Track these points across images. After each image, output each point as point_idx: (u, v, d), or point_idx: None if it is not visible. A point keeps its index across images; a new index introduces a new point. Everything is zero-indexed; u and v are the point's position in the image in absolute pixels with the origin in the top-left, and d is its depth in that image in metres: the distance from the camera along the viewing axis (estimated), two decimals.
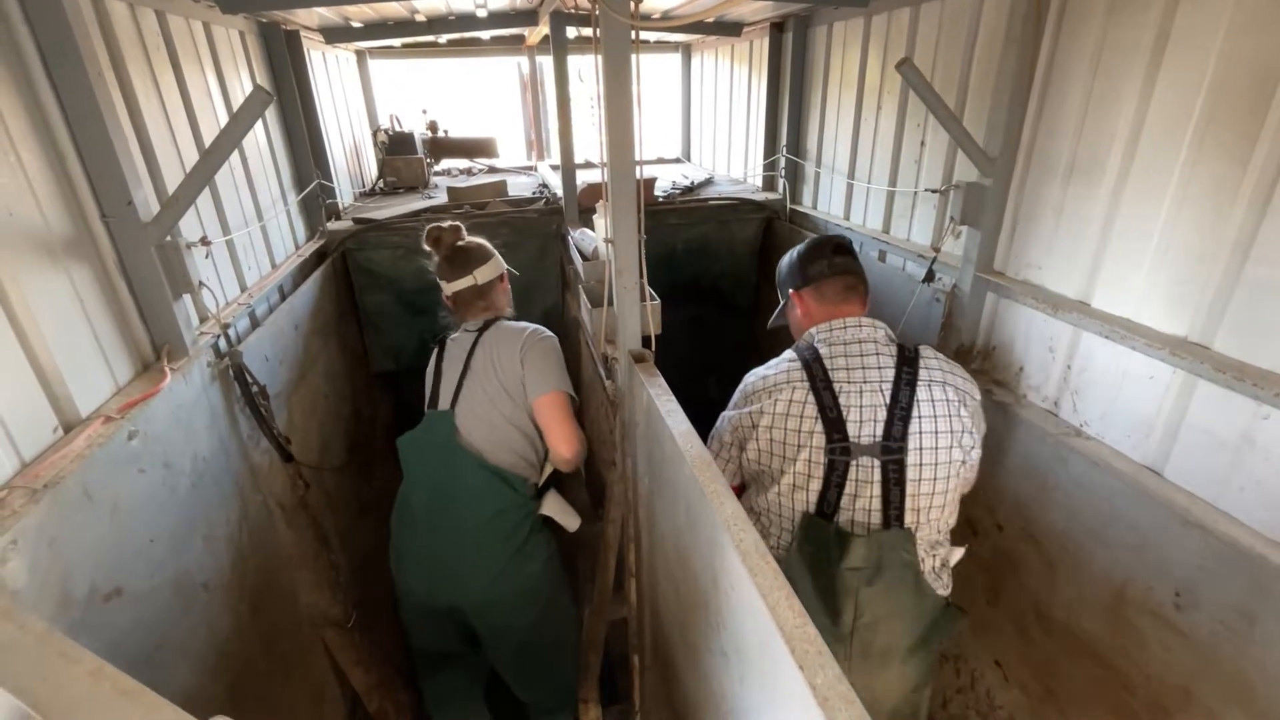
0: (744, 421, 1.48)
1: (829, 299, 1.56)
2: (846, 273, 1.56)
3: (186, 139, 1.77)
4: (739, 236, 3.32)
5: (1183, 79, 1.32)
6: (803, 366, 1.45)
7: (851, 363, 1.43)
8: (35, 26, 1.20)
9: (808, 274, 1.59)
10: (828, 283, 1.56)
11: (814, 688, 0.71)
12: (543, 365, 1.76)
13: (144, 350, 1.45)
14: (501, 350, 1.76)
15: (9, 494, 0.99)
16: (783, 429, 1.43)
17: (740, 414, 1.49)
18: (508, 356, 1.75)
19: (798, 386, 1.43)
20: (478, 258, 1.88)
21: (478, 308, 1.89)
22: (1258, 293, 1.23)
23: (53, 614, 0.99)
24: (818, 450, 1.39)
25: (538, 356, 1.76)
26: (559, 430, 1.74)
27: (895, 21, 2.27)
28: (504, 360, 1.75)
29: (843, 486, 1.39)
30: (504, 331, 1.80)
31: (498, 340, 1.78)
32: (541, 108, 4.65)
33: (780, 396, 1.43)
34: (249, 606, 1.59)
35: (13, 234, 1.11)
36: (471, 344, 1.80)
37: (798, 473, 1.41)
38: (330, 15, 2.74)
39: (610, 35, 1.30)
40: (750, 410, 1.47)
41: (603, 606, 2.09)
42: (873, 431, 1.37)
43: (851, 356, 1.44)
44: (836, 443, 1.37)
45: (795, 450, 1.41)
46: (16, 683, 0.62)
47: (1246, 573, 1.22)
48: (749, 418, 1.47)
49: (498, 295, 1.95)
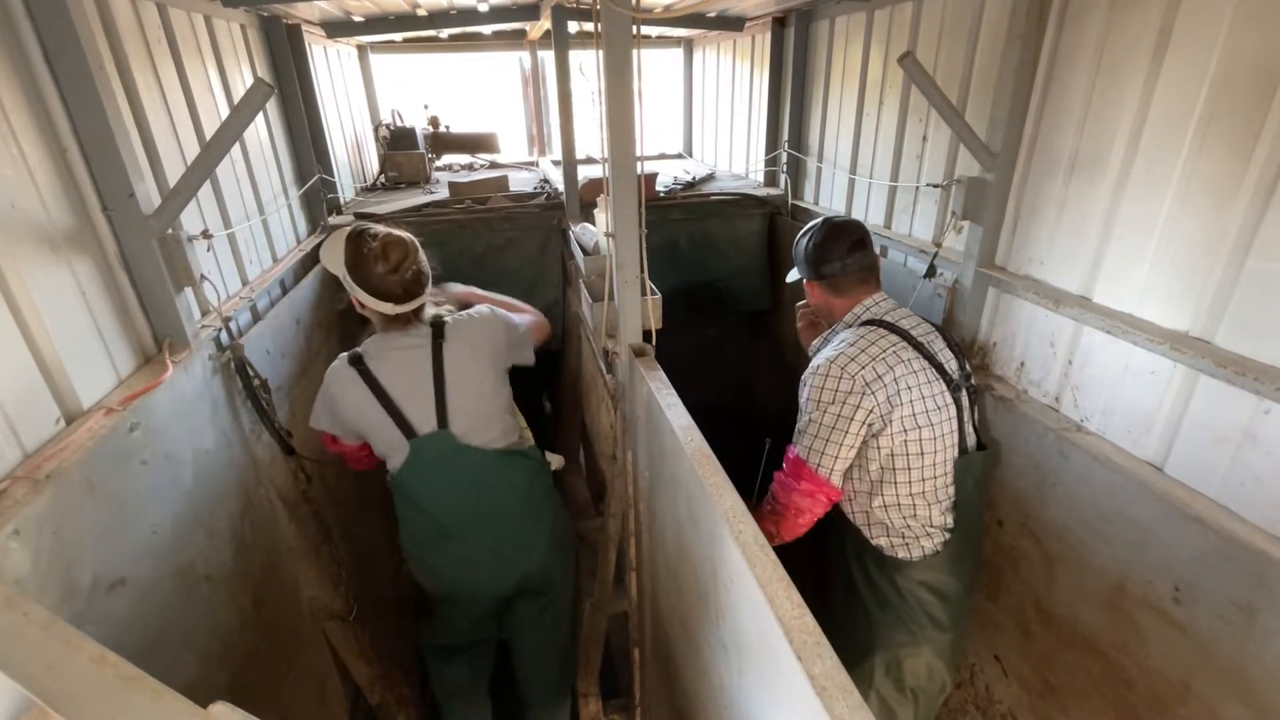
0: (865, 403, 1.49)
1: (846, 293, 1.65)
2: (861, 269, 1.63)
3: (188, 132, 1.77)
4: (741, 231, 3.31)
5: (1185, 74, 1.32)
6: (889, 329, 1.56)
7: (912, 322, 1.61)
8: (37, 20, 1.20)
9: (821, 271, 1.65)
10: (843, 280, 1.64)
11: (812, 678, 0.71)
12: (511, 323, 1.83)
13: (145, 343, 1.45)
14: (481, 341, 1.74)
15: (12, 484, 0.99)
16: (916, 387, 1.52)
17: (855, 396, 1.49)
18: (489, 347, 1.75)
19: (898, 347, 1.53)
20: (429, 273, 1.72)
21: (414, 320, 1.73)
22: (1259, 288, 1.23)
23: (56, 603, 0.99)
24: (942, 395, 1.55)
25: (505, 322, 1.82)
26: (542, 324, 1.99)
27: (898, 16, 2.27)
28: (486, 348, 1.74)
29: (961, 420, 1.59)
30: (463, 330, 1.73)
31: (464, 339, 1.72)
32: (543, 103, 4.64)
33: (898, 369, 1.51)
34: (251, 599, 1.60)
35: (15, 226, 1.12)
36: (432, 354, 1.68)
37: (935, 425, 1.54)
38: (332, 9, 2.74)
39: (611, 30, 1.30)
40: (871, 390, 1.49)
41: (604, 601, 2.09)
42: (957, 366, 1.61)
43: (904, 319, 1.60)
44: (950, 383, 1.57)
45: (933, 405, 1.54)
46: (19, 670, 0.62)
47: (1246, 567, 1.22)
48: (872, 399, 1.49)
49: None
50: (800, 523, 1.57)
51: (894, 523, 1.60)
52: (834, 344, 1.59)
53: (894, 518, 1.59)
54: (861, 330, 1.57)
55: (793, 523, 1.57)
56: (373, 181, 3.82)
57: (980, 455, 1.66)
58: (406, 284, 1.63)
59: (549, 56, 3.88)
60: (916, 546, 1.60)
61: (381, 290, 1.61)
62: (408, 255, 1.63)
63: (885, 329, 1.57)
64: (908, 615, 1.64)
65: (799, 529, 1.57)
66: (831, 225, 1.66)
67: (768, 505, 1.62)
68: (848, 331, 1.60)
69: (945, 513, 1.61)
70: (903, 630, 1.65)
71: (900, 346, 1.54)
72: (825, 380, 1.52)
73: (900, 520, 1.59)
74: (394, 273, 1.60)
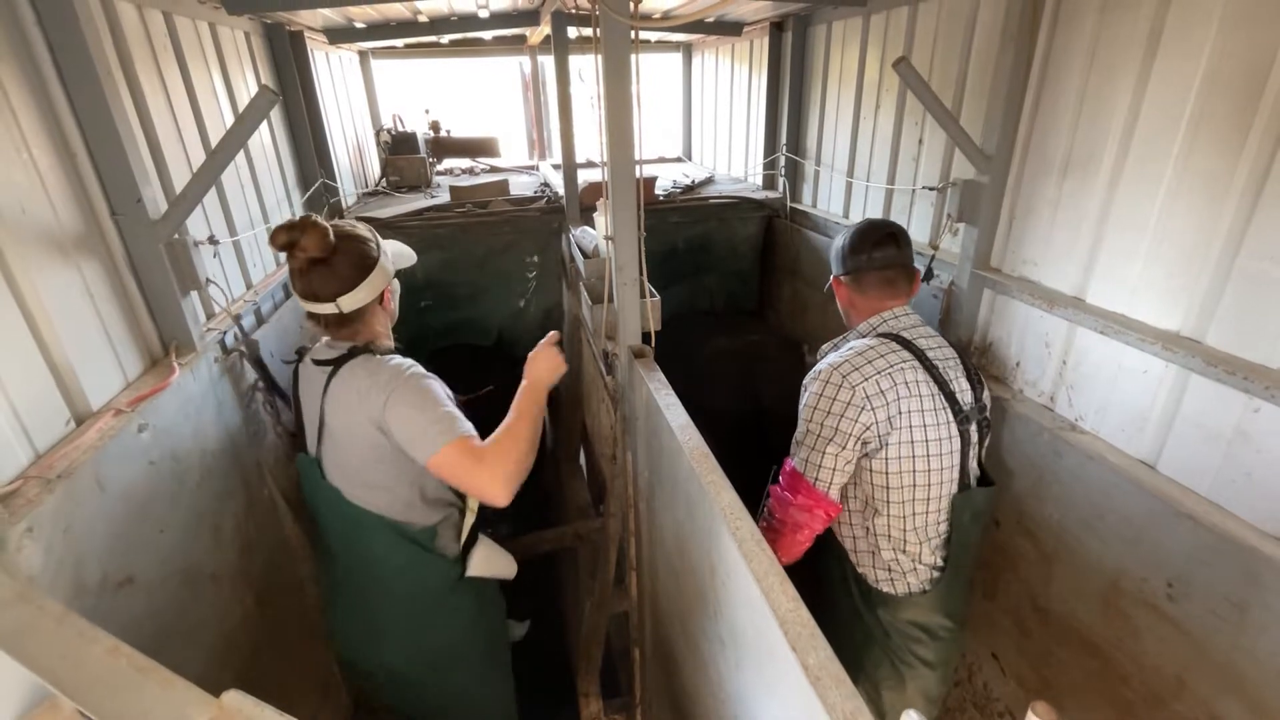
0: (863, 418, 1.40)
1: (869, 292, 1.58)
2: (886, 266, 1.56)
3: (193, 138, 1.80)
4: (740, 234, 3.34)
5: (1176, 74, 1.34)
6: (903, 345, 1.48)
7: (932, 344, 1.52)
8: (47, 29, 1.23)
9: (846, 264, 1.61)
10: (866, 276, 1.58)
11: (806, 668, 0.73)
12: (414, 419, 1.30)
13: (153, 345, 1.48)
14: (358, 406, 1.34)
15: (24, 484, 1.01)
16: (919, 412, 1.43)
17: (854, 409, 1.40)
18: (365, 415, 1.33)
19: (908, 366, 1.45)
20: (346, 276, 1.35)
21: (341, 333, 1.44)
22: (1249, 287, 1.25)
23: (67, 601, 1.01)
24: (947, 425, 1.46)
25: (405, 410, 1.30)
26: (472, 482, 1.28)
27: (894, 20, 2.29)
28: (363, 415, 1.34)
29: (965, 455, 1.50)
30: (358, 380, 1.35)
31: (351, 389, 1.35)
32: (543, 107, 4.67)
33: (901, 389, 1.42)
34: (256, 598, 1.62)
35: (26, 231, 1.14)
36: (324, 384, 1.39)
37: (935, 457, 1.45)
38: (334, 16, 2.76)
39: (610, 35, 1.32)
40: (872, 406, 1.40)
41: (604, 601, 2.11)
42: (971, 399, 1.52)
43: (922, 338, 1.53)
44: (958, 414, 1.48)
45: (934, 435, 1.45)
46: (36, 661, 0.64)
47: (1237, 563, 1.23)
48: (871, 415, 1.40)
49: (372, 320, 1.46)
50: (799, 539, 1.48)
51: (882, 554, 1.52)
52: (841, 350, 1.51)
53: (883, 548, 1.51)
54: (872, 341, 1.49)
55: (790, 539, 1.48)
56: (374, 186, 3.85)
57: (983, 492, 1.54)
58: (303, 274, 1.34)
59: (549, 61, 3.91)
60: (902, 582, 1.53)
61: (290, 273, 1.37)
62: (295, 237, 1.29)
63: (899, 344, 1.48)
64: (892, 651, 1.58)
65: (797, 546, 1.49)
66: (866, 221, 1.64)
67: (763, 523, 1.54)
68: (858, 340, 1.52)
69: (935, 551, 1.52)
70: (886, 665, 1.60)
71: (909, 365, 1.44)
72: (825, 388, 1.44)
73: (889, 553, 1.51)
74: (288, 257, 1.33)
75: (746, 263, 3.41)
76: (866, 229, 1.60)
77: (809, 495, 1.44)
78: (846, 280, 1.62)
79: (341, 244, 1.36)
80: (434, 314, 3.21)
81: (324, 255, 1.32)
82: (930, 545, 1.51)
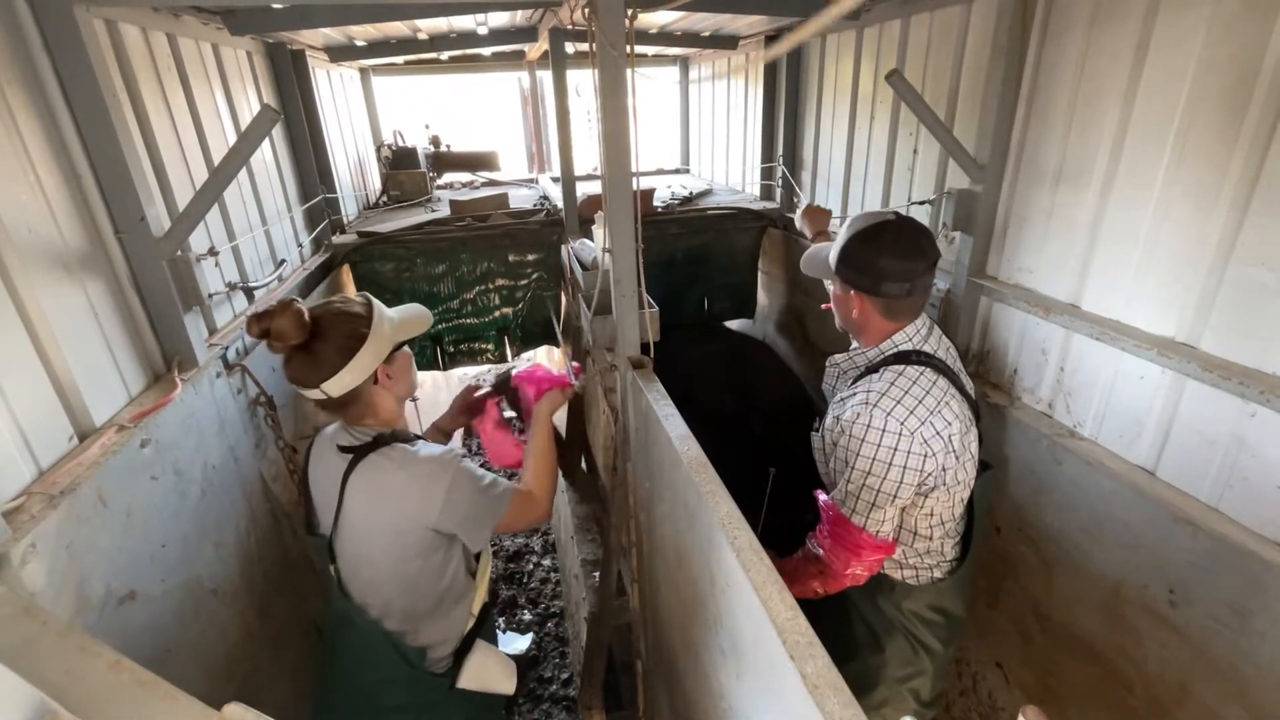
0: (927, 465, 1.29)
1: (898, 317, 1.38)
2: (925, 292, 1.39)
3: (196, 156, 1.82)
4: (738, 245, 3.36)
5: (1163, 85, 1.36)
6: (934, 368, 1.35)
7: (941, 346, 1.42)
8: (53, 51, 1.25)
9: (881, 288, 1.35)
10: (902, 302, 1.36)
11: (804, 676, 0.73)
12: (477, 500, 1.33)
13: (155, 361, 1.49)
14: (394, 503, 1.29)
15: (28, 500, 1.02)
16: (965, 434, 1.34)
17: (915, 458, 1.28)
18: (409, 513, 1.29)
19: (949, 395, 1.33)
20: (327, 361, 1.26)
21: (348, 415, 1.36)
22: (1241, 292, 1.26)
23: (70, 616, 1.02)
24: (972, 429, 1.40)
25: (467, 495, 1.32)
26: (532, 517, 1.46)
27: (886, 33, 2.32)
28: (403, 512, 1.30)
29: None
30: (389, 476, 1.29)
31: (381, 485, 1.29)
32: (542, 121, 4.72)
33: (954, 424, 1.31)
34: (257, 612, 1.62)
35: (32, 250, 1.16)
36: (345, 470, 1.30)
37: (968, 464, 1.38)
38: (335, 35, 2.81)
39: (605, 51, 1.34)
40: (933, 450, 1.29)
41: (606, 613, 2.10)
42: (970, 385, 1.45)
43: (941, 350, 1.41)
44: (974, 408, 1.43)
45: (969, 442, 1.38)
46: (39, 675, 0.64)
47: (1237, 569, 1.23)
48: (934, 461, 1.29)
49: (375, 401, 1.36)
50: (859, 582, 1.41)
51: (908, 557, 1.47)
52: (877, 388, 1.32)
53: (918, 547, 1.44)
54: (911, 371, 1.33)
55: (848, 582, 1.40)
56: (375, 200, 3.89)
57: (989, 475, 1.52)
58: (287, 361, 1.28)
59: (547, 76, 3.96)
60: (926, 574, 1.49)
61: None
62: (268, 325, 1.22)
63: (927, 367, 1.35)
64: (912, 640, 1.52)
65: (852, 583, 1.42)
66: (909, 231, 1.35)
67: (813, 567, 1.42)
68: (891, 373, 1.34)
69: (956, 545, 1.50)
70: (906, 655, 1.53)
71: (951, 395, 1.33)
72: (882, 436, 1.27)
73: (916, 556, 1.46)
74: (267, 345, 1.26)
75: (745, 273, 3.43)
76: (911, 245, 1.33)
77: (874, 549, 1.33)
78: (875, 300, 1.37)
79: (324, 325, 1.27)
80: (434, 326, 3.23)
81: (302, 341, 1.25)
82: (952, 540, 1.49)
